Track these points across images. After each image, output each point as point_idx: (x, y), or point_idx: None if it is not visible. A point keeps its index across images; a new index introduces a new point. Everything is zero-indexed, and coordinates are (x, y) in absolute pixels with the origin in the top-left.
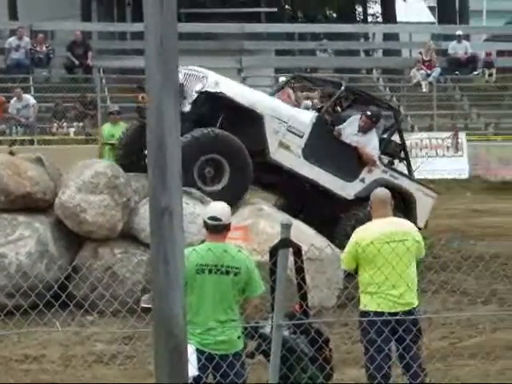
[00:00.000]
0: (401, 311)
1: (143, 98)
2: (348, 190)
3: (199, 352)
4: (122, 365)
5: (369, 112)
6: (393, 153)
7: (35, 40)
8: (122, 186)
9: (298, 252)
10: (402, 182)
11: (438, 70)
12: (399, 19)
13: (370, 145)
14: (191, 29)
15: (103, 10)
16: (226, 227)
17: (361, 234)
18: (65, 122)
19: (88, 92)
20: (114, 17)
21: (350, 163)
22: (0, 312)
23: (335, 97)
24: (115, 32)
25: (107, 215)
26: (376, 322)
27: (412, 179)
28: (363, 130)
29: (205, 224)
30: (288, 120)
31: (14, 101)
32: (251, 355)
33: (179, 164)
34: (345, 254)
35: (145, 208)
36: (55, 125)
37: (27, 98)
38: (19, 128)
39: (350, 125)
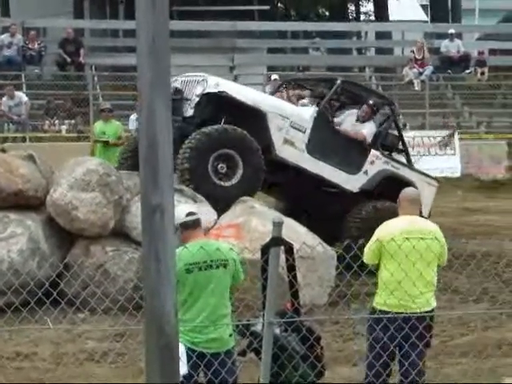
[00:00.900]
0: (418, 312)
1: None
2: (352, 182)
3: (190, 351)
4: (113, 362)
5: (370, 101)
6: (391, 145)
7: (27, 37)
8: (113, 183)
9: (289, 250)
10: (405, 172)
11: (431, 68)
12: (392, 17)
13: (365, 128)
14: (183, 26)
15: (95, 7)
16: (200, 221)
17: (383, 230)
18: (57, 120)
19: (80, 89)
20: (107, 14)
21: (353, 156)
22: None
23: (333, 90)
24: (107, 29)
25: (99, 213)
26: (387, 321)
27: (414, 169)
28: (362, 119)
29: (184, 226)
30: (290, 116)
31: (5, 98)
32: (242, 353)
33: (171, 162)
34: (367, 250)
35: (137, 206)
36: (47, 122)
37: (19, 95)
38: (11, 125)
39: (347, 118)
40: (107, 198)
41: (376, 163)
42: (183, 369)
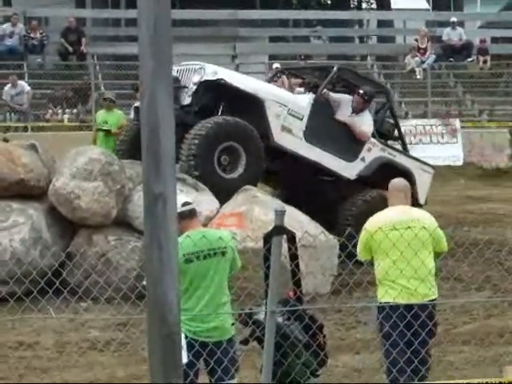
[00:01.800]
0: (414, 303)
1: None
2: (350, 170)
3: (193, 340)
4: (116, 351)
5: (361, 91)
6: (387, 132)
7: (29, 26)
8: (115, 172)
9: (292, 239)
10: (401, 159)
11: (433, 56)
12: (394, 6)
13: (364, 124)
14: (185, 15)
15: None
16: (196, 211)
17: (370, 222)
18: (60, 109)
19: (82, 79)
20: (108, 3)
21: (350, 143)
22: None
23: (329, 77)
24: (109, 18)
25: (101, 202)
26: (390, 313)
27: (410, 156)
28: (357, 110)
29: (180, 216)
30: (288, 103)
31: (8, 87)
32: (245, 342)
33: (173, 151)
34: (359, 244)
35: (139, 195)
36: (50, 111)
37: (21, 84)
38: (13, 115)
39: (341, 105)
40: (109, 187)
41: (373, 150)
42: (184, 358)
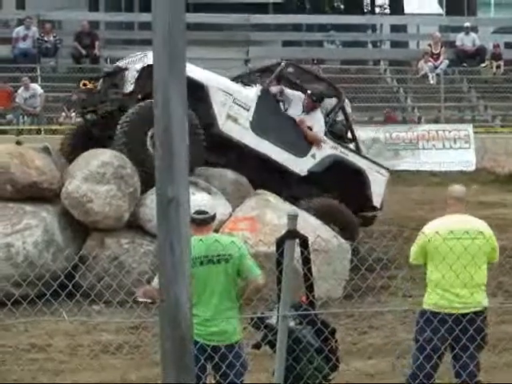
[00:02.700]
0: (471, 312)
1: (85, 85)
2: (300, 165)
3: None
4: (128, 354)
5: (309, 91)
6: (339, 133)
7: (42, 30)
8: (128, 176)
9: (304, 243)
10: (354, 158)
11: (446, 62)
12: (407, 11)
13: (316, 124)
14: (198, 19)
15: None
16: (213, 218)
17: (431, 230)
18: (74, 112)
19: None
20: (122, 7)
21: (299, 139)
22: (7, 301)
23: (278, 70)
24: (122, 22)
25: (114, 205)
26: (438, 322)
27: (363, 156)
28: (307, 109)
29: (192, 220)
30: (233, 93)
31: (21, 90)
32: (257, 346)
33: (186, 155)
34: (413, 249)
35: (151, 198)
36: (63, 114)
37: (34, 87)
38: (26, 118)
39: (293, 103)
40: (122, 190)
41: (323, 147)
42: None
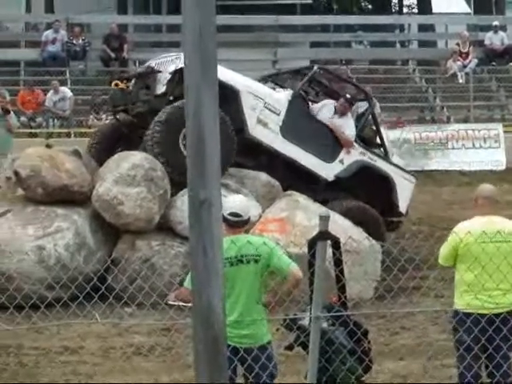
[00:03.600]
0: (505, 312)
1: (117, 85)
2: (328, 170)
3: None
4: (160, 356)
5: (348, 95)
6: (368, 138)
7: (71, 33)
8: (158, 178)
9: (336, 244)
10: (381, 164)
11: (475, 61)
12: (435, 10)
13: (348, 127)
14: (227, 21)
15: (139, 2)
16: (246, 222)
17: (463, 231)
18: (103, 114)
19: None
20: (150, 9)
21: (328, 144)
22: (40, 304)
23: (309, 75)
24: (151, 25)
25: (144, 207)
26: (471, 323)
27: (391, 163)
28: (340, 113)
29: (225, 219)
30: (264, 97)
31: (50, 93)
32: (290, 347)
33: (218, 157)
34: (444, 250)
35: (181, 200)
36: (91, 117)
37: (64, 90)
38: (56, 121)
39: (323, 108)
40: (152, 192)
41: (352, 153)
42: None
